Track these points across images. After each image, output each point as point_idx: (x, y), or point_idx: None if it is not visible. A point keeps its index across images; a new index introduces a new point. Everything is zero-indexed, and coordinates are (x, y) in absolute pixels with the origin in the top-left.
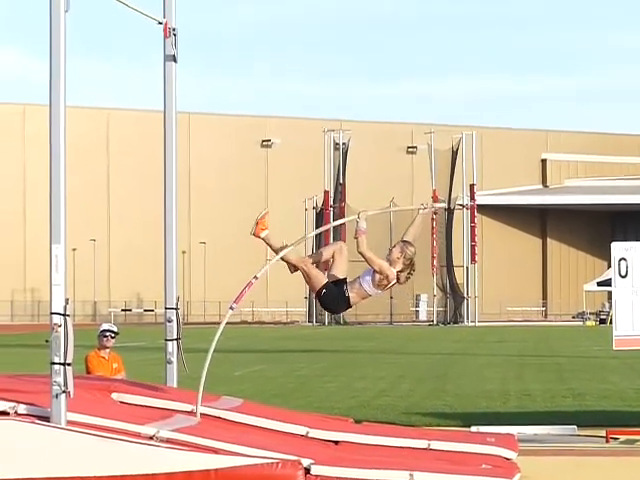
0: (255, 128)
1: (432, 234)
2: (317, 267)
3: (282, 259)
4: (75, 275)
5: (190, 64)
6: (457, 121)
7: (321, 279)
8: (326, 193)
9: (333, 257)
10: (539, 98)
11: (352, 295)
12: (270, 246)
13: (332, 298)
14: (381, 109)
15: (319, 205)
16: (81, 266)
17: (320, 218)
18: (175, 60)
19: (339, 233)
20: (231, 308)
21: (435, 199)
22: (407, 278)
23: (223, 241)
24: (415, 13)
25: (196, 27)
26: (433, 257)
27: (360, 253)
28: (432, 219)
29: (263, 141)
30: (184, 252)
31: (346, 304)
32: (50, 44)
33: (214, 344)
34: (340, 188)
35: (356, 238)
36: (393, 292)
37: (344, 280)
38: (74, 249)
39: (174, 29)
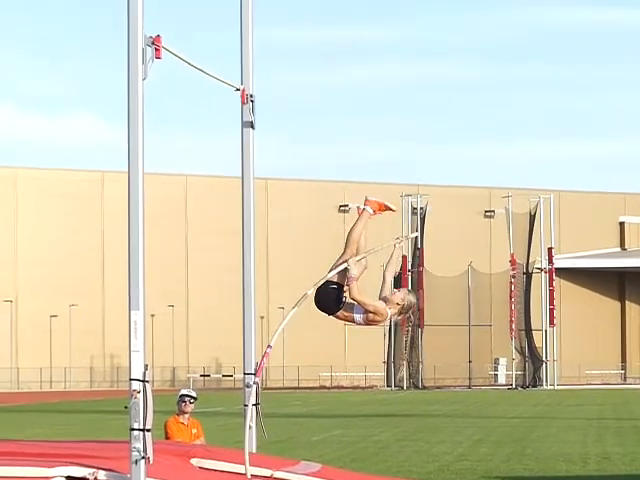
0: (332, 193)
1: (510, 298)
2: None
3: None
4: (154, 341)
5: (267, 129)
6: (534, 184)
7: (343, 277)
8: (404, 258)
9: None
10: (617, 161)
11: (341, 312)
12: (357, 222)
13: (332, 299)
14: (458, 173)
15: (397, 270)
16: (160, 332)
17: (398, 283)
18: (253, 126)
19: (416, 290)
20: (255, 383)
21: (513, 263)
22: (407, 331)
23: (302, 306)
24: (493, 75)
25: (273, 92)
26: (512, 321)
27: (353, 299)
28: (510, 282)
29: (341, 206)
30: (262, 317)
31: (330, 313)
32: (128, 112)
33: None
34: (418, 253)
35: (347, 285)
36: (472, 356)
37: (344, 296)
38: (153, 315)
39: (252, 95)
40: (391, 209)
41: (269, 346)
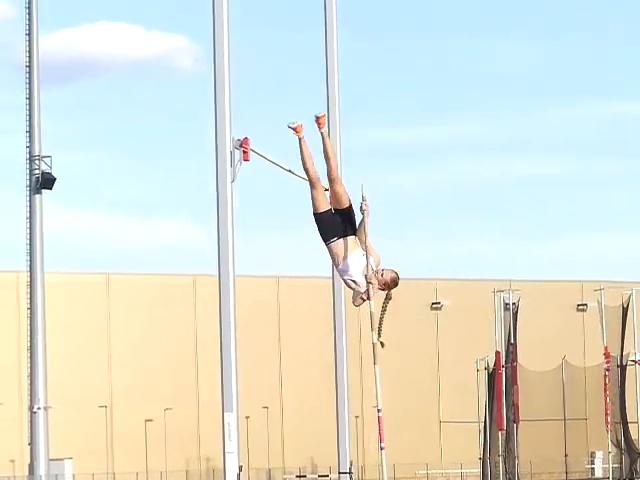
0: (425, 291)
1: (605, 391)
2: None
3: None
4: (249, 443)
5: None
6: (627, 277)
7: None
8: (497, 354)
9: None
10: None
11: (336, 245)
12: (325, 145)
13: (327, 225)
14: (550, 267)
15: (491, 365)
16: (254, 433)
17: (492, 379)
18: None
19: (511, 395)
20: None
21: (607, 356)
22: (383, 311)
23: (396, 405)
24: (583, 170)
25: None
26: (607, 414)
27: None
28: (604, 375)
29: (433, 304)
30: (357, 417)
31: (325, 239)
32: (217, 214)
33: None
34: (511, 348)
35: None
36: (568, 449)
37: (343, 234)
38: (247, 417)
39: None
40: (317, 116)
41: (379, 410)
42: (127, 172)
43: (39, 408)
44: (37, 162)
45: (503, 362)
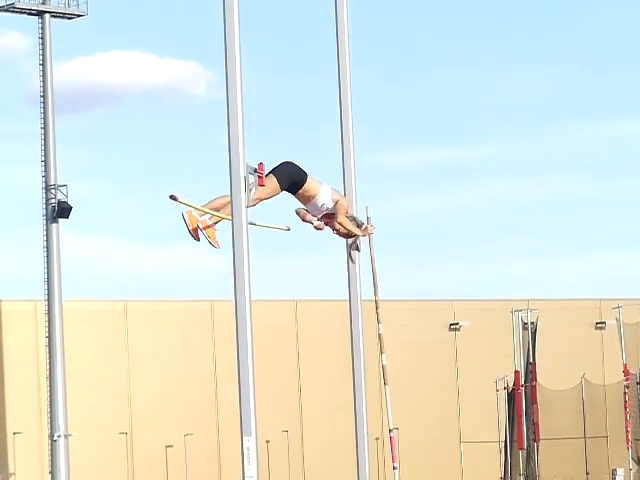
0: (442, 312)
1: (625, 408)
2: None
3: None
4: (270, 467)
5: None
6: None
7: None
8: (517, 373)
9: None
10: None
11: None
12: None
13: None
14: (567, 286)
15: (510, 385)
16: (275, 457)
17: (512, 398)
18: (358, 249)
19: (531, 415)
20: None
21: (626, 373)
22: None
23: (415, 427)
24: (599, 189)
25: (380, 214)
26: (627, 431)
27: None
28: (624, 393)
29: (451, 324)
30: (377, 439)
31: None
32: (233, 240)
33: None
34: (530, 367)
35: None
36: (589, 467)
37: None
38: (267, 441)
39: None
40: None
41: (391, 430)
42: (143, 199)
43: (59, 436)
44: (53, 191)
45: (522, 381)
